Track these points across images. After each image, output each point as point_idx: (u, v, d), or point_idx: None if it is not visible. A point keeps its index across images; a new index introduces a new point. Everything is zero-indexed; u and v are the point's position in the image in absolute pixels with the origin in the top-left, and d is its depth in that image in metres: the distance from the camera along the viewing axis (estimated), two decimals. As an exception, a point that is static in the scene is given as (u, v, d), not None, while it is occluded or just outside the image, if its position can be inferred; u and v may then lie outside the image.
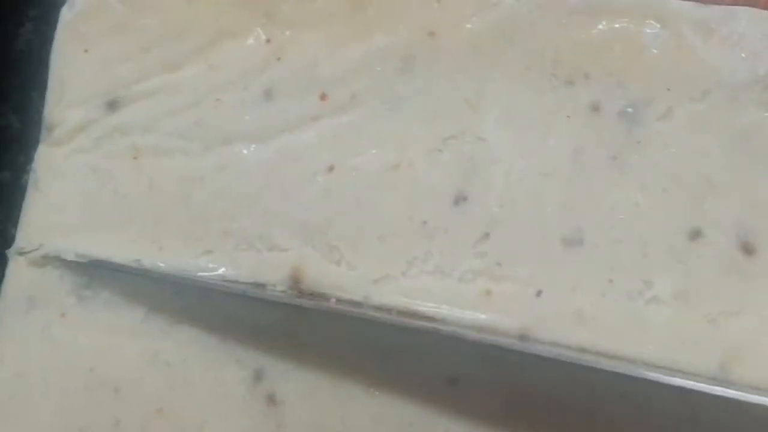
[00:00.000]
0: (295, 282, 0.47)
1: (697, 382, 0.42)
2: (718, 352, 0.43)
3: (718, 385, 0.42)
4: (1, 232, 0.53)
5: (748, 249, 0.44)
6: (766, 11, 0.47)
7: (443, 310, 0.45)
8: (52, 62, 0.52)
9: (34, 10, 0.58)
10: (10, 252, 0.50)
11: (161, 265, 0.48)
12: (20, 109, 0.57)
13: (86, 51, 0.51)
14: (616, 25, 0.48)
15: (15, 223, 0.52)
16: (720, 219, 0.45)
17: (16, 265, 0.50)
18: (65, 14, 0.52)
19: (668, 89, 0.47)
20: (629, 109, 0.47)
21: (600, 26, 0.48)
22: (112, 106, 0.50)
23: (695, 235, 0.45)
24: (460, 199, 0.47)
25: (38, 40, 0.57)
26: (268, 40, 0.50)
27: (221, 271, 0.47)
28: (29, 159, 0.54)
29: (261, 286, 0.47)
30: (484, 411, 0.46)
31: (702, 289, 0.44)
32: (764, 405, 0.41)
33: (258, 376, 0.47)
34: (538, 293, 0.45)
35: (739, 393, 0.41)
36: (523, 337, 0.45)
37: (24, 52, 0.58)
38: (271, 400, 0.47)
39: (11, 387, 0.49)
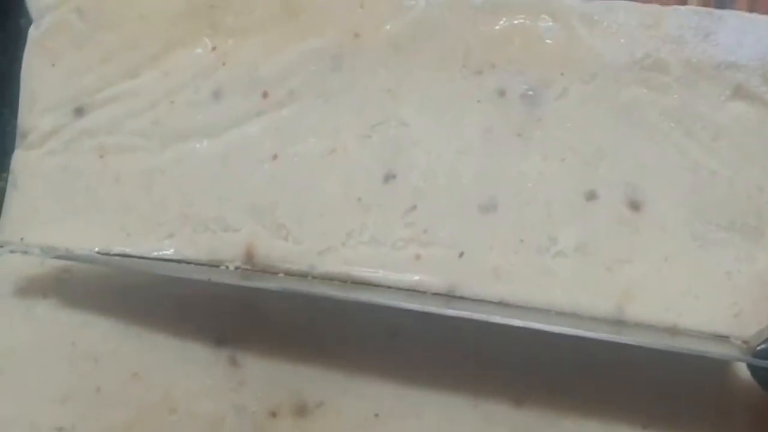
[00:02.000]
0: (248, 258, 0.50)
1: (596, 328, 0.45)
2: (615, 294, 0.47)
3: (613, 334, 0.45)
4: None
5: (635, 206, 0.48)
6: (639, 3, 0.50)
7: (379, 274, 0.49)
8: (23, 76, 0.54)
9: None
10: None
11: (130, 248, 0.51)
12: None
13: (53, 65, 0.53)
14: (516, 21, 0.51)
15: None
16: (610, 181, 0.48)
17: (0, 257, 0.52)
18: (33, 33, 0.54)
19: (562, 73, 0.50)
20: (530, 92, 0.50)
21: (502, 22, 0.51)
22: (79, 112, 0.53)
23: (590, 196, 0.48)
24: (389, 177, 0.50)
25: (6, 60, 0.59)
26: (213, 48, 0.52)
27: (182, 251, 0.50)
28: (3, 167, 0.57)
29: (218, 263, 0.50)
30: (420, 360, 0.49)
31: (598, 242, 0.48)
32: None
33: (220, 340, 0.50)
34: (461, 254, 0.49)
35: (629, 338, 0.45)
36: (449, 293, 0.48)
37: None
38: (232, 360, 0.50)
39: (1, 363, 0.51)
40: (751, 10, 0.52)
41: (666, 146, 0.49)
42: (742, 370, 0.46)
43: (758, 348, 0.43)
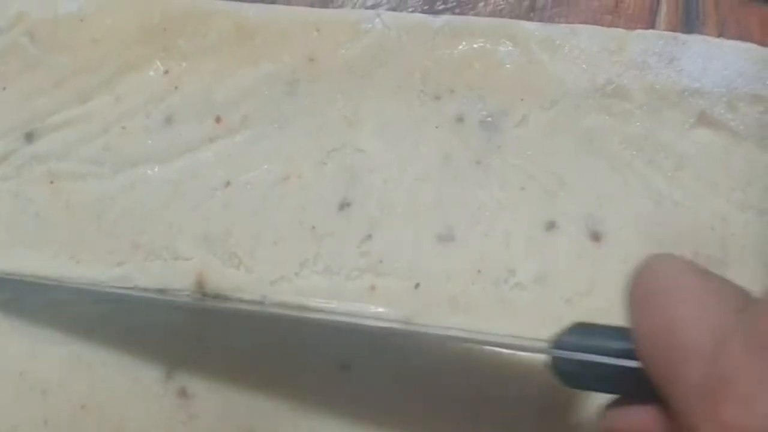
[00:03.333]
0: (200, 287, 0.48)
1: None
2: (574, 327, 0.47)
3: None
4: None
5: (596, 236, 0.47)
6: (603, 27, 0.49)
7: (333, 305, 0.47)
8: (-26, 100, 0.53)
9: None
10: None
11: (80, 276, 0.49)
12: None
13: (4, 88, 0.53)
14: (475, 45, 0.50)
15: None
16: (571, 211, 0.47)
17: None
18: (-18, 56, 0.53)
19: (522, 99, 0.49)
20: (489, 119, 0.49)
21: (461, 46, 0.50)
22: (30, 137, 0.52)
23: (550, 226, 0.47)
24: (344, 205, 0.49)
25: None
26: (166, 72, 0.51)
27: (133, 280, 0.49)
28: None
29: (169, 291, 0.49)
30: (374, 393, 0.47)
31: (558, 274, 0.47)
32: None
33: (170, 373, 0.49)
34: (417, 285, 0.47)
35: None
36: (406, 324, 0.46)
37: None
38: (183, 393, 0.48)
39: None
40: (719, 34, 0.50)
41: (628, 175, 0.48)
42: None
43: (556, 340, 0.38)
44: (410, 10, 0.53)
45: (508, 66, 0.49)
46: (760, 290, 0.32)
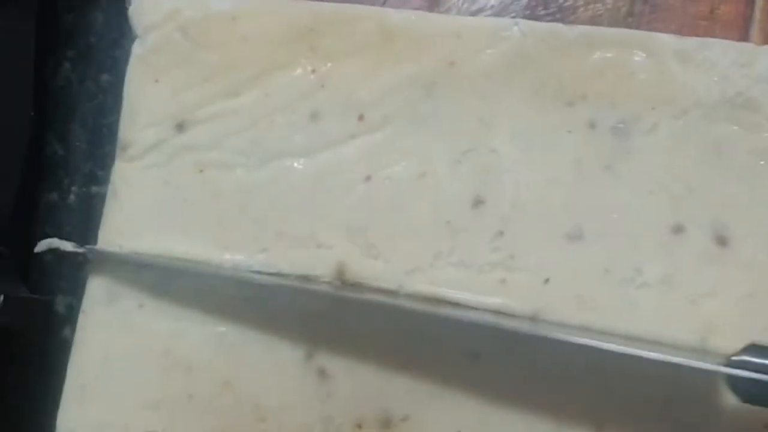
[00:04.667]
0: (340, 274, 0.51)
1: (679, 355, 0.45)
2: (698, 327, 0.47)
3: (696, 358, 0.44)
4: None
5: (722, 241, 0.48)
6: (733, 42, 0.51)
7: (465, 296, 0.50)
8: (126, 91, 0.56)
9: (71, 51, 0.63)
10: (92, 253, 0.54)
11: (225, 261, 0.52)
12: (62, 138, 0.62)
13: (156, 81, 0.55)
14: (609, 55, 0.51)
15: (64, 236, 0.57)
16: (698, 216, 0.48)
17: (99, 265, 0.54)
18: (136, 49, 0.56)
19: (653, 108, 0.50)
20: (620, 125, 0.50)
21: (595, 56, 0.51)
22: (180, 127, 0.54)
23: (678, 230, 0.49)
24: (477, 203, 0.51)
25: (76, 76, 0.63)
26: (313, 71, 0.54)
27: (276, 266, 0.52)
28: (73, 182, 0.60)
29: (310, 278, 0.51)
30: (501, 383, 0.50)
31: (684, 275, 0.48)
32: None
33: (309, 354, 0.51)
34: (546, 281, 0.49)
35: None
36: (533, 318, 0.49)
37: (64, 87, 0.63)
38: (321, 373, 0.51)
39: (97, 369, 0.53)
40: None
41: (755, 184, 0.49)
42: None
43: (732, 358, 0.42)
44: (512, 15, 0.55)
45: (640, 75, 0.51)
46: None
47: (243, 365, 0.52)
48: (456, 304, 0.50)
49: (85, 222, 0.61)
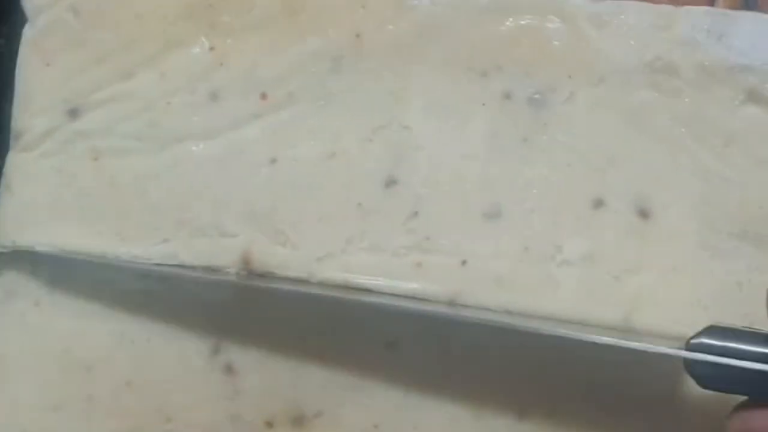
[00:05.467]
0: (246, 264, 0.48)
1: (603, 334, 0.43)
2: (622, 304, 0.46)
3: (619, 337, 0.43)
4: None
5: (644, 214, 0.47)
6: (650, 4, 0.49)
7: (379, 282, 0.47)
8: (17, 76, 0.52)
9: (4, 27, 0.57)
10: None
11: (124, 253, 0.49)
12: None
13: (47, 65, 0.52)
14: (522, 22, 0.49)
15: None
16: (619, 188, 0.47)
17: None
18: (27, 32, 0.52)
19: (569, 76, 0.48)
20: (537, 96, 0.48)
21: (508, 23, 0.49)
22: (73, 113, 0.51)
23: (598, 204, 0.47)
24: (390, 183, 0.48)
25: (8, 53, 0.56)
26: (211, 48, 0.51)
27: (178, 257, 0.49)
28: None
29: (215, 269, 0.48)
30: (420, 371, 0.48)
31: (606, 251, 0.47)
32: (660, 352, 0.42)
33: (215, 348, 0.49)
34: (463, 262, 0.47)
35: (638, 344, 0.42)
36: (451, 302, 0.46)
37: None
38: (228, 369, 0.49)
39: None
40: None
41: (677, 152, 0.47)
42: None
43: (691, 341, 0.40)
44: None
45: (555, 42, 0.49)
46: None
47: (146, 363, 0.50)
48: (370, 291, 0.48)
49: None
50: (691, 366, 0.39)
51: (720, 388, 0.39)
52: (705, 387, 0.39)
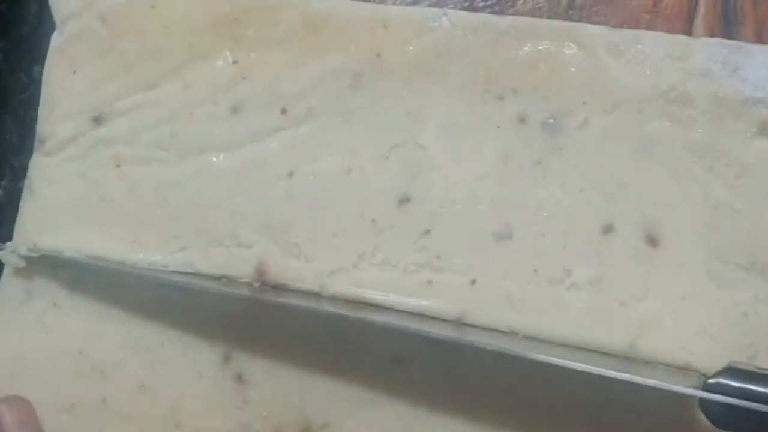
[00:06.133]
0: (260, 275, 0.49)
1: (608, 363, 0.44)
2: (628, 330, 0.46)
3: (624, 371, 0.43)
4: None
5: (653, 241, 0.47)
6: (667, 34, 0.49)
7: (390, 298, 0.48)
8: (44, 82, 0.54)
9: (4, 41, 0.61)
10: (7, 249, 0.53)
11: (142, 260, 0.51)
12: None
13: (74, 72, 0.53)
14: (540, 47, 0.50)
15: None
16: (629, 215, 0.47)
17: (13, 261, 0.52)
18: (55, 39, 0.54)
19: (584, 103, 0.49)
20: (551, 120, 0.49)
21: (526, 48, 0.50)
22: (98, 120, 0.53)
23: (608, 229, 0.48)
24: (404, 200, 0.49)
25: (7, 67, 0.60)
26: (235, 61, 0.52)
27: (195, 265, 0.50)
28: (2, 176, 0.58)
29: (230, 278, 0.50)
30: (426, 388, 0.49)
31: (614, 276, 0.47)
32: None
33: (227, 357, 0.50)
34: (473, 282, 0.48)
35: (654, 381, 0.42)
36: (460, 320, 0.47)
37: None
38: (239, 378, 0.50)
39: (10, 369, 0.52)
40: (757, 35, 0.51)
41: (688, 182, 0.48)
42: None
43: (709, 381, 0.41)
44: (450, 6, 0.53)
45: (572, 69, 0.50)
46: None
47: (159, 369, 0.51)
48: (380, 307, 0.49)
49: (15, 217, 0.58)
50: (707, 406, 0.40)
51: (736, 429, 0.40)
52: (720, 427, 0.40)
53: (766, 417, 0.39)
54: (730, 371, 0.41)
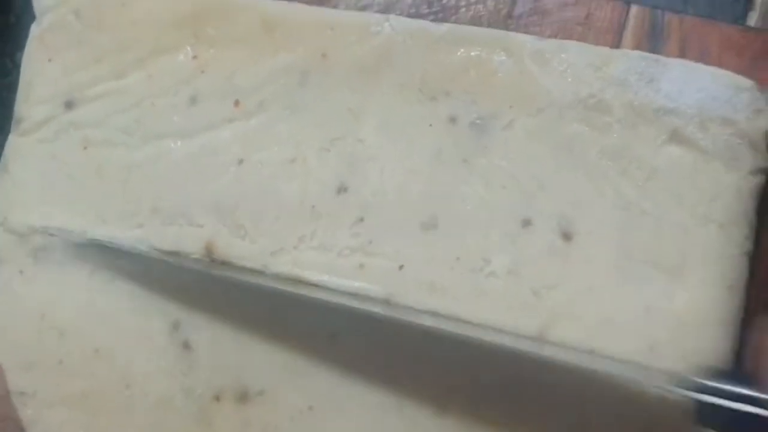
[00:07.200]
0: (209, 252, 0.54)
1: (521, 344, 0.48)
2: (539, 317, 0.50)
3: (536, 348, 0.48)
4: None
5: (567, 236, 0.50)
6: (590, 45, 0.52)
7: (325, 279, 0.52)
8: (23, 68, 0.59)
9: None
10: None
11: (103, 234, 0.55)
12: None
13: (50, 60, 0.58)
14: (472, 53, 0.53)
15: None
16: (546, 211, 0.51)
17: None
18: (34, 29, 0.58)
19: (510, 106, 0.52)
20: (479, 121, 0.52)
21: (459, 53, 0.53)
22: (69, 105, 0.57)
23: (526, 223, 0.51)
24: (342, 189, 0.53)
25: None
26: (195, 56, 0.56)
27: (150, 241, 0.54)
28: None
29: (181, 254, 0.54)
30: (356, 362, 0.53)
31: (529, 267, 0.50)
32: (574, 364, 0.47)
33: (176, 326, 0.54)
34: (401, 267, 0.52)
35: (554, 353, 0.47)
36: (387, 302, 0.51)
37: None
38: (186, 345, 0.54)
39: None
40: (681, 50, 0.54)
41: (602, 183, 0.51)
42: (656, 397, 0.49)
43: (707, 383, 0.44)
44: (397, 13, 0.57)
45: (500, 74, 0.53)
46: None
47: (113, 333, 0.55)
48: (317, 286, 0.52)
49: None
50: (705, 413, 0.44)
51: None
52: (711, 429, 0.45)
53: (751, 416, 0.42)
54: (718, 374, 0.44)
